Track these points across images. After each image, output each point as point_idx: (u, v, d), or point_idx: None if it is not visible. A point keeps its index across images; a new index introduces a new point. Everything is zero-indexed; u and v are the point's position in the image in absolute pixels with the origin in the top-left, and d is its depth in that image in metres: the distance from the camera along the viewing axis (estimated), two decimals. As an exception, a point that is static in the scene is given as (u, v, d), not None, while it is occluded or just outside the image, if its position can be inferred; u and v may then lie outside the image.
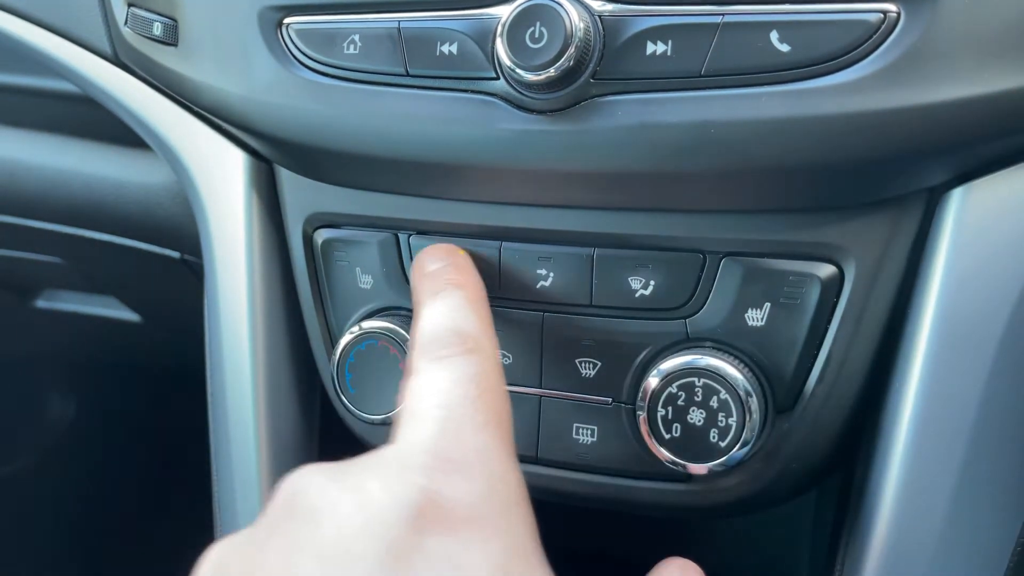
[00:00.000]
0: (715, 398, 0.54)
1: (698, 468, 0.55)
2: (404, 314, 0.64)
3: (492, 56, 0.53)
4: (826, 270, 0.55)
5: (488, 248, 0.61)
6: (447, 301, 0.51)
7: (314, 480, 0.40)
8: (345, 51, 0.57)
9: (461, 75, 0.55)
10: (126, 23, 0.68)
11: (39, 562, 1.52)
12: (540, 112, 0.53)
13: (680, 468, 0.56)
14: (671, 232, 0.57)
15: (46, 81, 0.87)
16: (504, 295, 0.61)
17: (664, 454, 0.56)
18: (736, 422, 0.54)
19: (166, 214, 0.87)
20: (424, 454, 0.40)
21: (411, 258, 0.64)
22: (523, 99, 0.53)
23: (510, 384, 0.62)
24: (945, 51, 0.47)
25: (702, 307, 0.57)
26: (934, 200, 0.54)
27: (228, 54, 0.62)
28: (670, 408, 0.56)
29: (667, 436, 0.56)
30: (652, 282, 0.58)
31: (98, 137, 0.90)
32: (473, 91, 0.55)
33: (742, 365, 0.55)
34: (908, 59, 0.47)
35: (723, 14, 0.49)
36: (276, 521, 0.39)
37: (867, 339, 0.55)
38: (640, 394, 0.57)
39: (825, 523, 0.71)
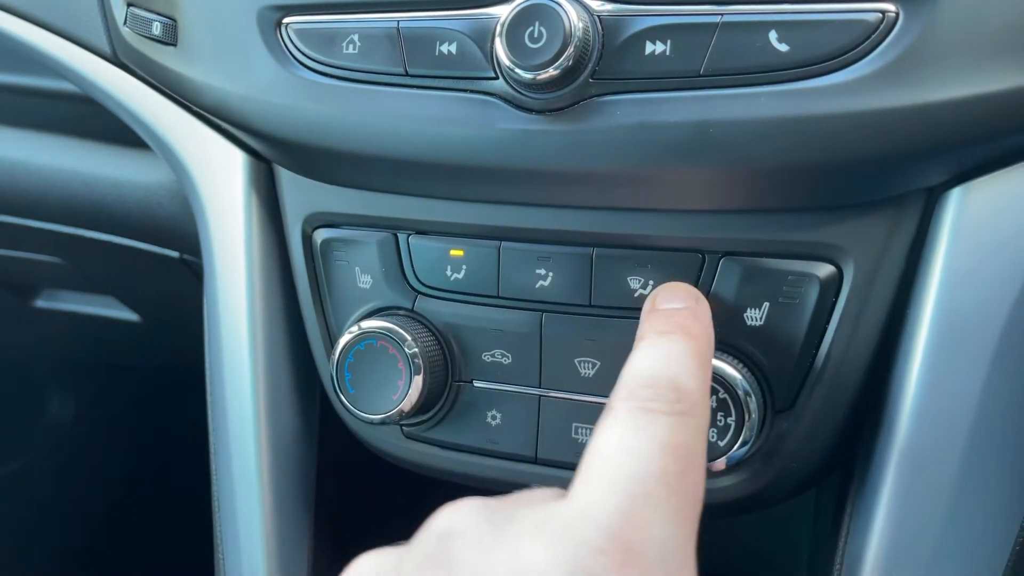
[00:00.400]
0: (714, 398, 0.54)
1: (697, 467, 0.55)
2: (403, 314, 0.64)
3: (491, 56, 0.53)
4: (825, 270, 0.55)
5: (487, 248, 0.61)
6: (674, 347, 0.45)
7: (474, 527, 0.37)
8: (344, 51, 0.57)
9: (460, 75, 0.55)
10: (125, 23, 0.68)
11: (38, 561, 1.52)
12: (539, 112, 0.53)
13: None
14: (670, 232, 0.57)
15: (45, 81, 0.88)
16: (503, 295, 0.61)
17: (663, 454, 0.56)
18: (735, 422, 0.54)
19: (165, 214, 0.87)
20: (603, 534, 0.35)
21: (411, 258, 0.64)
22: (522, 99, 0.53)
23: (509, 384, 0.62)
24: (944, 51, 0.47)
25: (701, 307, 0.57)
26: (932, 200, 0.54)
27: (227, 54, 0.62)
28: (669, 408, 0.55)
29: (666, 436, 0.56)
30: (651, 282, 0.58)
31: (98, 137, 0.91)
32: (472, 91, 0.55)
33: (741, 365, 0.55)
34: (907, 59, 0.47)
35: (722, 14, 0.49)
36: (427, 559, 0.36)
37: (866, 339, 0.55)
38: (639, 394, 0.57)
39: (825, 522, 0.71)
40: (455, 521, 0.38)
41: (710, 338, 0.49)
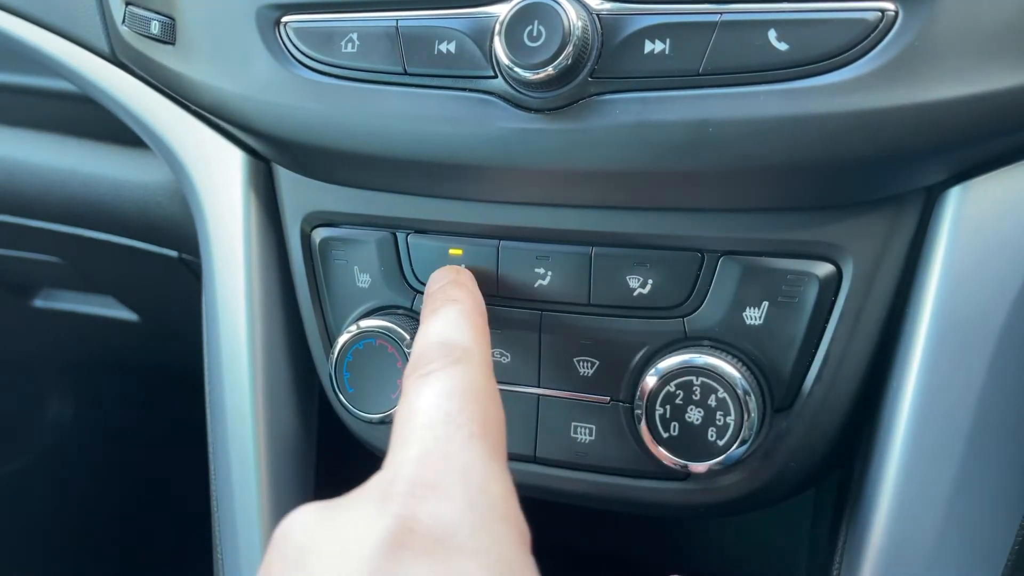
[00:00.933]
0: (713, 397, 0.54)
1: (696, 467, 0.55)
2: (402, 313, 0.64)
3: (490, 55, 0.53)
4: (824, 269, 0.55)
5: (486, 247, 0.61)
6: (440, 315, 0.51)
7: (302, 520, 0.40)
8: (343, 50, 0.57)
9: (459, 74, 0.55)
10: (124, 21, 0.68)
11: (37, 562, 1.52)
12: (538, 111, 0.53)
13: (678, 467, 0.56)
14: (669, 231, 0.57)
15: (44, 80, 0.87)
16: (502, 294, 0.61)
17: (662, 453, 0.56)
18: (734, 421, 0.54)
19: (164, 213, 0.87)
20: (403, 481, 0.39)
21: (409, 257, 0.64)
22: (521, 98, 0.53)
23: (508, 383, 0.62)
24: (943, 50, 0.47)
25: (700, 306, 0.57)
26: (932, 199, 0.54)
27: (226, 53, 0.62)
28: (668, 407, 0.56)
29: (665, 435, 0.56)
30: (650, 281, 0.58)
31: (96, 136, 0.90)
32: (471, 90, 0.55)
33: (740, 364, 0.55)
34: (906, 58, 0.47)
35: (721, 13, 0.49)
36: (271, 567, 0.39)
37: (865, 338, 0.55)
38: (638, 393, 0.57)
39: (824, 522, 0.71)
40: (287, 524, 0.40)
41: (473, 295, 0.54)
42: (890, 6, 0.47)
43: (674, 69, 0.50)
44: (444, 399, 0.43)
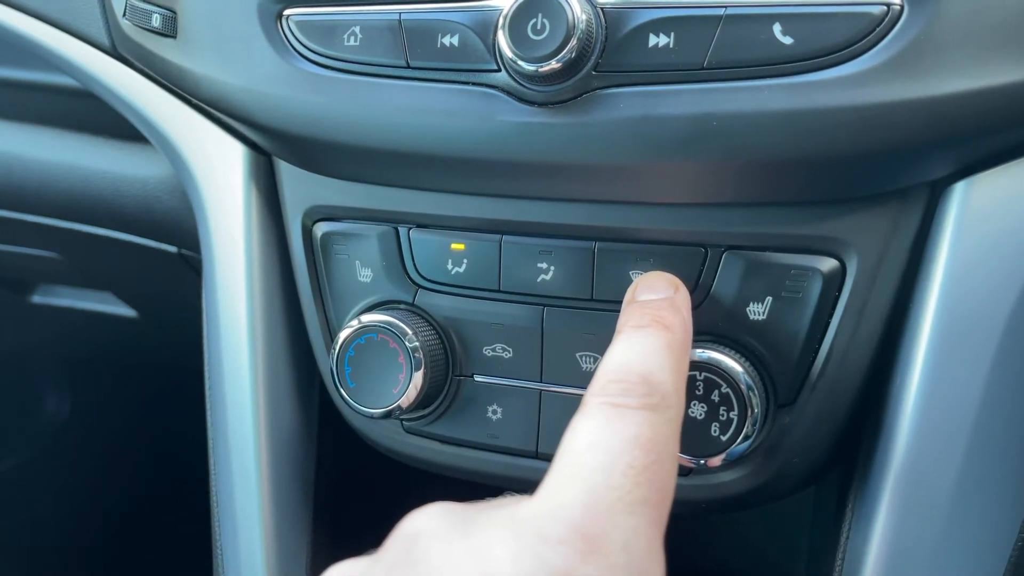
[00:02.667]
0: (716, 392, 0.54)
1: (699, 462, 0.55)
2: (404, 308, 0.64)
3: (493, 48, 0.53)
4: (828, 264, 0.55)
5: (489, 241, 0.61)
6: (648, 340, 0.46)
7: (440, 529, 0.37)
8: (345, 43, 0.57)
9: (462, 67, 0.54)
10: (125, 15, 0.68)
11: (35, 559, 1.52)
12: (541, 104, 0.53)
13: (680, 462, 0.56)
14: (673, 225, 0.57)
15: (43, 75, 0.87)
16: (504, 289, 0.61)
17: (665, 448, 0.56)
18: (737, 416, 0.54)
19: (164, 208, 0.87)
20: (565, 526, 0.35)
21: (411, 252, 0.64)
22: (524, 91, 0.53)
23: (510, 379, 0.62)
24: (949, 44, 0.47)
25: (704, 300, 0.57)
26: (936, 193, 0.54)
27: (227, 46, 0.61)
28: (671, 402, 0.55)
29: (668, 430, 0.56)
30: (653, 276, 0.57)
31: (95, 131, 0.90)
32: (474, 83, 0.54)
33: (743, 359, 0.55)
34: (911, 52, 0.47)
35: (726, 6, 0.49)
36: (394, 563, 0.37)
37: (869, 333, 0.55)
38: (641, 388, 0.56)
39: (824, 518, 0.71)
40: (421, 524, 0.38)
41: (687, 328, 0.50)
42: (895, 0, 0.47)
43: (678, 63, 0.50)
44: (632, 445, 0.39)
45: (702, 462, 0.55)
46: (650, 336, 0.46)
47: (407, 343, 0.60)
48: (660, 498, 0.39)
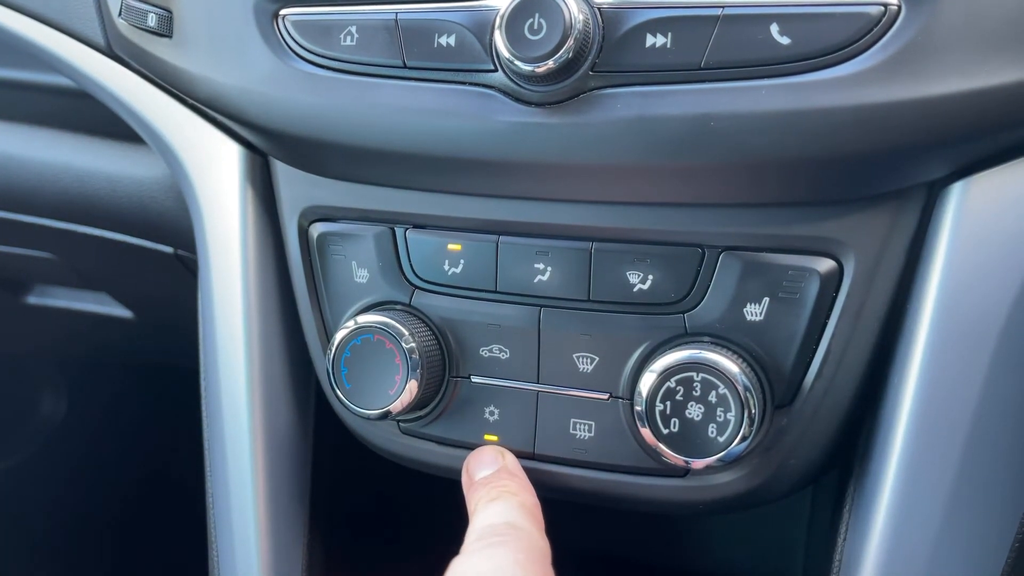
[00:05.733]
0: (714, 393, 0.54)
1: (696, 463, 0.55)
2: (400, 308, 0.64)
3: (490, 48, 0.53)
4: (825, 264, 0.55)
5: (485, 242, 0.61)
6: (504, 505, 0.54)
7: None
8: (342, 43, 0.57)
9: (459, 67, 0.54)
10: (120, 14, 0.68)
11: (31, 558, 1.51)
12: (538, 104, 0.53)
13: (678, 463, 0.56)
14: (670, 226, 0.57)
15: (39, 75, 0.87)
16: (501, 289, 0.61)
17: (662, 449, 0.56)
18: (735, 417, 0.54)
19: (159, 209, 0.87)
20: None
21: (408, 252, 0.63)
22: (521, 91, 0.53)
23: (507, 380, 0.62)
24: (945, 45, 0.47)
25: (701, 301, 0.57)
26: (934, 194, 0.54)
27: (223, 45, 0.61)
28: (668, 403, 0.55)
29: (665, 431, 0.55)
30: (651, 276, 0.57)
31: (91, 131, 0.90)
32: (471, 83, 0.54)
33: (741, 360, 0.55)
34: (909, 52, 0.47)
35: (723, 6, 0.49)
36: None
37: (866, 334, 0.55)
38: (638, 389, 0.56)
39: (821, 519, 0.71)
40: None
41: (530, 491, 0.58)
42: (893, 1, 0.47)
43: (675, 63, 0.50)
44: (516, 565, 0.48)
45: (699, 463, 0.55)
46: (505, 502, 0.55)
47: (403, 344, 0.60)
48: None
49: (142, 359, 1.47)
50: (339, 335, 0.62)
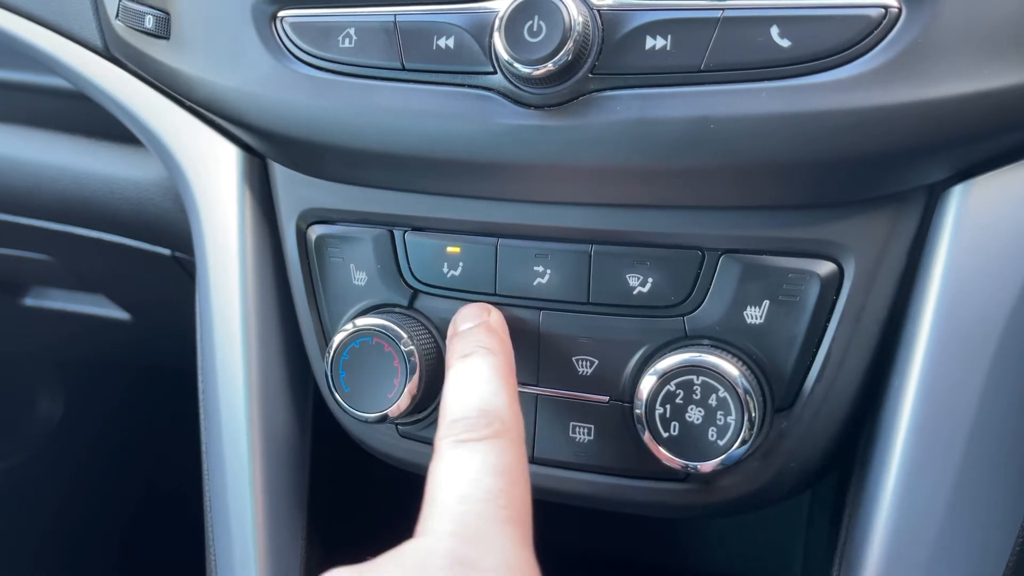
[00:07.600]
0: (714, 396, 0.54)
1: (696, 467, 0.55)
2: (399, 311, 0.64)
3: (489, 50, 0.53)
4: (825, 267, 0.54)
5: (484, 245, 0.61)
6: (476, 369, 0.51)
7: None
8: (340, 45, 0.57)
9: (458, 69, 0.54)
10: (118, 16, 0.68)
11: (27, 561, 1.51)
12: (537, 107, 0.53)
13: (678, 467, 0.56)
14: (669, 229, 0.57)
15: (36, 76, 0.86)
16: (500, 292, 0.61)
17: (662, 453, 0.56)
18: (735, 420, 0.54)
19: (157, 211, 0.86)
20: (443, 555, 0.40)
21: (407, 255, 0.63)
22: (520, 94, 0.53)
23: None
24: (946, 47, 0.47)
25: (700, 304, 0.57)
26: (934, 197, 0.54)
27: (221, 48, 0.61)
28: (668, 407, 0.55)
29: (665, 435, 0.55)
30: (650, 279, 0.57)
31: (88, 133, 0.90)
32: (470, 86, 0.54)
33: (741, 363, 0.55)
34: (909, 55, 0.47)
35: (723, 9, 0.49)
36: None
37: (866, 337, 0.55)
38: (638, 392, 0.56)
39: (821, 522, 0.71)
40: None
41: (507, 347, 0.55)
42: (893, 3, 0.47)
43: (675, 65, 0.50)
44: (484, 475, 0.44)
45: (699, 466, 0.55)
46: (477, 364, 0.51)
47: (402, 347, 0.60)
48: (521, 515, 0.43)
49: (139, 361, 1.47)
50: (337, 338, 0.62)
